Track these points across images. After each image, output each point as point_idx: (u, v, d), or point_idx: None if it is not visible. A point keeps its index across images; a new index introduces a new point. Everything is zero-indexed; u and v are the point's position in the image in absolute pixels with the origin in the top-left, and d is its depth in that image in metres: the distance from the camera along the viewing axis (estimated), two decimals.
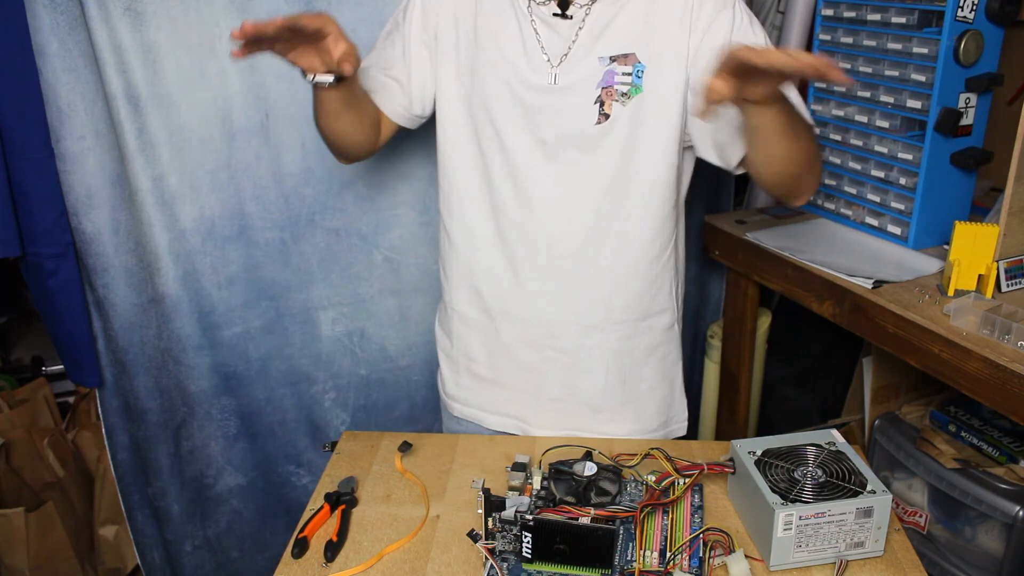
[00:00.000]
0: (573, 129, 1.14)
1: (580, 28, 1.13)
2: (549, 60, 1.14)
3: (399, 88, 1.24)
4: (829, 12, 1.58)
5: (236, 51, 0.96)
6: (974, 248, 1.28)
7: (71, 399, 2.19)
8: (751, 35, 1.13)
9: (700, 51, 1.12)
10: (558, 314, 1.22)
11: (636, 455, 1.07)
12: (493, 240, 1.22)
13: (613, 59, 1.12)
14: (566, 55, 1.13)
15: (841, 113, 1.60)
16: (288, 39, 1.00)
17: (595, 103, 1.13)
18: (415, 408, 1.81)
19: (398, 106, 1.25)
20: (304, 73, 1.07)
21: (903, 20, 1.43)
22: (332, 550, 0.97)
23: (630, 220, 1.19)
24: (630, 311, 1.24)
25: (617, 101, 1.12)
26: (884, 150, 1.52)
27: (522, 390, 1.28)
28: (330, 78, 1.07)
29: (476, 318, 1.28)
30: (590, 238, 1.18)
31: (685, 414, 1.37)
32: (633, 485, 1.05)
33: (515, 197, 1.18)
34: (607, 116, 1.13)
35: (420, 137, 1.47)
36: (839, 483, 0.94)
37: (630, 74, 1.12)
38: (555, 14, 1.13)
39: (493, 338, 1.27)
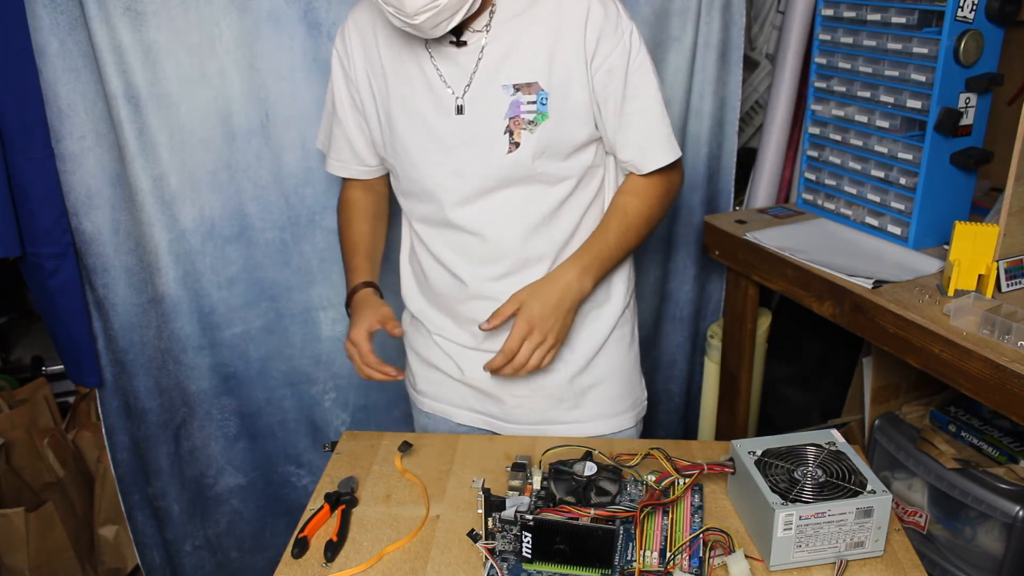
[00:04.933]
0: (487, 159, 1.16)
1: (480, 58, 1.14)
2: (453, 92, 1.15)
3: (363, 163, 1.32)
4: (829, 12, 1.58)
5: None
6: (974, 248, 1.28)
7: (71, 399, 2.19)
8: (640, 63, 1.16)
9: (598, 74, 1.15)
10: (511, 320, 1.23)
11: (636, 455, 1.07)
12: (446, 263, 1.25)
13: (517, 88, 1.14)
14: (469, 84, 1.15)
15: (841, 113, 1.60)
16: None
17: (504, 133, 1.15)
18: None
19: (367, 168, 1.33)
20: None
21: (903, 20, 1.43)
22: (332, 550, 0.97)
23: (562, 228, 1.22)
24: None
25: (525, 129, 1.15)
26: (884, 150, 1.52)
27: (488, 388, 1.30)
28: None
29: (438, 325, 1.31)
30: (525, 253, 1.21)
31: (645, 393, 1.40)
32: (633, 485, 1.05)
33: (447, 227, 1.21)
34: (517, 145, 1.15)
35: None
36: (839, 483, 0.94)
37: (535, 102, 1.14)
38: (451, 42, 1.14)
39: (457, 344, 1.30)
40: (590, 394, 1.31)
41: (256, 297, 1.62)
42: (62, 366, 1.85)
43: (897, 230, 1.53)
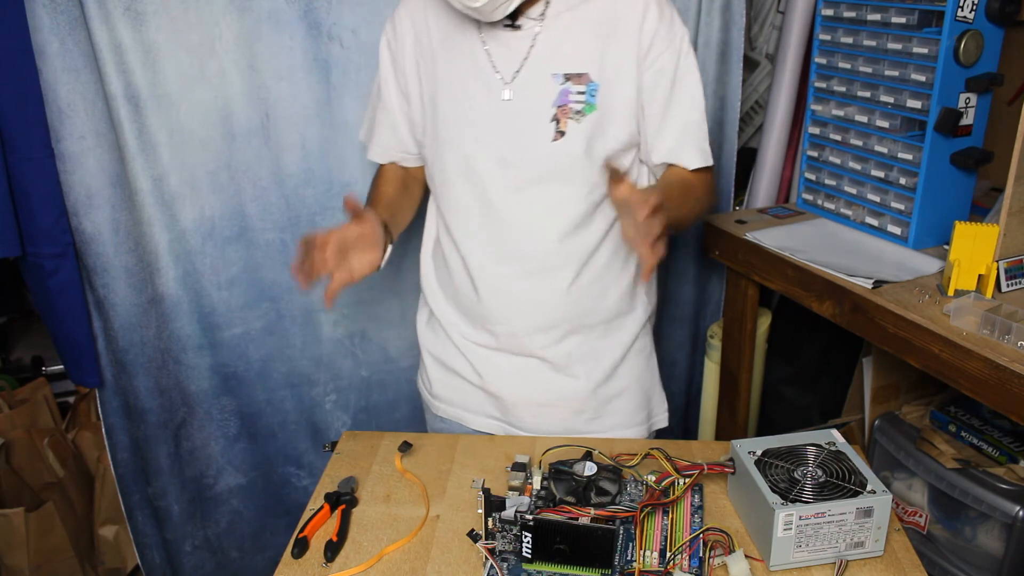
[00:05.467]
0: (530, 146, 1.16)
1: (532, 45, 1.15)
2: (502, 77, 1.16)
3: (404, 150, 1.32)
4: (829, 12, 1.58)
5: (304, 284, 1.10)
6: (974, 248, 1.28)
7: (71, 399, 2.19)
8: (688, 67, 1.18)
9: (648, 74, 1.16)
10: (533, 322, 1.24)
11: (636, 455, 1.07)
12: (471, 257, 1.24)
13: (568, 77, 1.14)
14: (518, 71, 1.15)
15: (841, 113, 1.60)
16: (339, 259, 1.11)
17: (551, 121, 1.15)
18: (416, 410, 1.81)
19: (408, 155, 1.33)
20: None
21: (903, 20, 1.43)
22: (332, 550, 0.97)
23: (594, 232, 1.21)
24: (602, 314, 1.26)
25: (572, 119, 1.14)
26: (884, 150, 1.52)
27: (507, 395, 1.29)
28: (386, 254, 1.19)
29: (461, 327, 1.30)
30: (556, 252, 1.20)
31: (665, 405, 1.40)
32: (633, 485, 1.05)
33: (483, 217, 1.21)
34: (562, 133, 1.15)
35: None
36: (839, 483, 0.94)
37: (584, 93, 1.14)
38: (506, 25, 1.14)
39: (477, 344, 1.29)
40: (610, 405, 1.30)
41: (256, 298, 1.62)
42: (62, 366, 1.84)
43: (897, 230, 1.53)
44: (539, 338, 1.24)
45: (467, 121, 1.18)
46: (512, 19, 1.14)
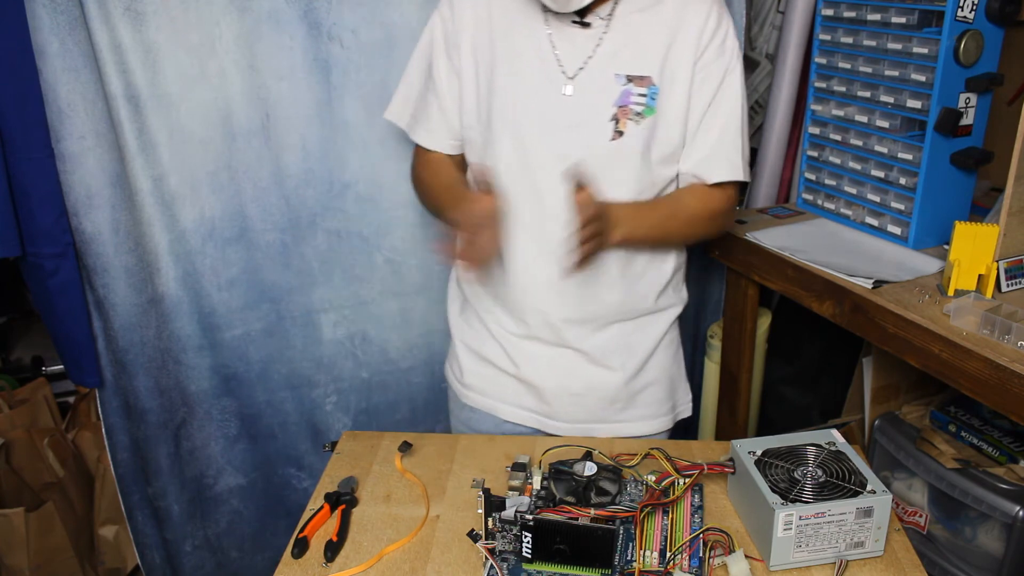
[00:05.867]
0: (588, 144, 1.16)
1: (598, 44, 1.15)
2: (564, 72, 1.16)
3: (452, 135, 1.30)
4: (829, 12, 1.58)
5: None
6: (974, 248, 1.28)
7: (71, 399, 2.19)
8: (733, 80, 1.20)
9: (697, 76, 1.18)
10: (573, 314, 1.25)
11: (636, 455, 1.07)
12: (513, 247, 1.24)
13: (630, 79, 1.15)
14: (583, 68, 1.16)
15: (841, 113, 1.60)
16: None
17: (610, 120, 1.15)
18: (416, 411, 1.81)
19: (455, 143, 1.32)
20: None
21: (903, 20, 1.43)
22: (332, 550, 0.97)
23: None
24: (641, 308, 1.29)
25: (631, 120, 1.15)
26: (884, 150, 1.52)
27: (544, 384, 1.30)
28: None
29: (498, 316, 1.31)
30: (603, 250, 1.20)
31: (689, 395, 1.43)
32: (633, 485, 1.05)
33: (533, 208, 1.21)
34: (621, 133, 1.15)
35: None
36: (839, 483, 0.94)
37: (645, 95, 1.15)
38: (574, 22, 1.15)
39: (514, 335, 1.30)
40: (641, 396, 1.33)
41: (256, 299, 1.62)
42: (62, 366, 1.84)
43: (897, 230, 1.53)
44: (576, 330, 1.26)
45: (525, 112, 1.18)
46: (580, 16, 1.15)
